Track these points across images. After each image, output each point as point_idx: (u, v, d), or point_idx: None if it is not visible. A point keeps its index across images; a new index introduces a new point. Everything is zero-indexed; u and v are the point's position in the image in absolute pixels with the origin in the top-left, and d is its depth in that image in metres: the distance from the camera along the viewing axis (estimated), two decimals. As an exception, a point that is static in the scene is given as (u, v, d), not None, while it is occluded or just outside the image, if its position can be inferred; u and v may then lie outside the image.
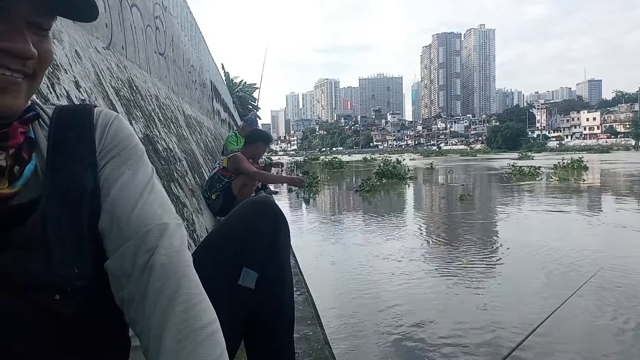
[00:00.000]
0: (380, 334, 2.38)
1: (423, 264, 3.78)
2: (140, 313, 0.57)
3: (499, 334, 2.34)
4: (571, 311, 2.64)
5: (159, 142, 4.16)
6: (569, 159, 16.43)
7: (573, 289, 2.41)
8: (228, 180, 4.21)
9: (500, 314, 2.61)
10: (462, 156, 45.15)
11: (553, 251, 4.08)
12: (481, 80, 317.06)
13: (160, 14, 6.24)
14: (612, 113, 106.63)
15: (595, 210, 7.00)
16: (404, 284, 3.23)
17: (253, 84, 40.97)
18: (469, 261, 3.78)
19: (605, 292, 2.92)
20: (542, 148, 68.91)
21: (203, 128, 9.49)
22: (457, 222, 5.86)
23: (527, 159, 26.56)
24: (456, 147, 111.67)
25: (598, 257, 3.83)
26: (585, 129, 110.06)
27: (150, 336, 0.55)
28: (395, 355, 2.16)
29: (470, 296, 2.96)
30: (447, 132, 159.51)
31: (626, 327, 2.42)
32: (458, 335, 2.33)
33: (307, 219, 6.70)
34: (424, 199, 9.66)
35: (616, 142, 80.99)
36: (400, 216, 6.83)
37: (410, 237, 4.94)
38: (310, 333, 1.83)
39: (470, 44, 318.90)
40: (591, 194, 9.37)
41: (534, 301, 2.85)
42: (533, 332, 0.78)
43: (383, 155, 34.14)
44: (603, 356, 2.12)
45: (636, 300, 2.80)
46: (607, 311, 2.63)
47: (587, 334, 2.40)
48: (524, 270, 3.55)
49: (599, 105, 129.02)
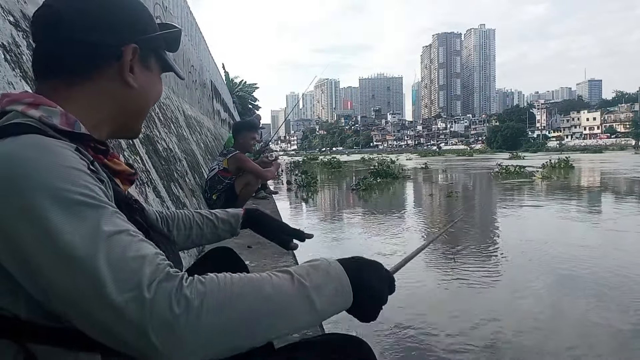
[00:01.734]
0: (380, 333, 2.39)
1: (422, 263, 3.78)
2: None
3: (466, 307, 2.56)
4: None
5: (159, 142, 4.16)
6: (556, 159, 17.05)
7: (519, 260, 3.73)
8: (229, 182, 4.21)
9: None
10: (459, 156, 46.20)
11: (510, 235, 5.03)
12: (481, 80, 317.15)
13: (161, 13, 6.24)
14: (612, 113, 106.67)
15: (557, 203, 7.92)
16: (405, 283, 3.23)
17: (253, 84, 40.95)
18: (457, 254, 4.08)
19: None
20: (539, 148, 68.97)
21: (203, 128, 9.49)
22: (442, 215, 6.59)
23: (517, 158, 27.24)
24: (456, 147, 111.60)
25: (532, 237, 4.94)
26: (586, 129, 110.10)
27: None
28: (395, 354, 2.16)
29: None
30: (447, 132, 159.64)
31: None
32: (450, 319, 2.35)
33: (305, 218, 6.74)
34: (413, 196, 10.38)
35: (616, 142, 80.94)
36: (395, 213, 7.14)
37: (406, 233, 4.97)
38: (310, 333, 1.83)
39: (470, 44, 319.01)
40: (563, 189, 10.17)
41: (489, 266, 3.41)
42: (409, 259, 0.86)
43: (380, 155, 34.30)
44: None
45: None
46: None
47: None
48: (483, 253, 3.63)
49: (599, 105, 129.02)
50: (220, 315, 0.52)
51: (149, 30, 0.76)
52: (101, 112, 0.73)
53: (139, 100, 0.77)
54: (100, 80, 0.71)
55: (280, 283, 0.58)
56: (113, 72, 0.72)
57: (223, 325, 0.52)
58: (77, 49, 0.69)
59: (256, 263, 2.82)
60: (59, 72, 0.70)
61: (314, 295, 0.59)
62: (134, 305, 0.49)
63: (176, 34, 0.81)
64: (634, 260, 3.86)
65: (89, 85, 0.71)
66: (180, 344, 0.49)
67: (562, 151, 46.97)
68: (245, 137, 4.50)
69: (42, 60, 0.71)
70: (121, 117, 0.76)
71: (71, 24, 0.68)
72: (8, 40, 2.01)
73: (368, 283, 0.66)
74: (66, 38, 0.68)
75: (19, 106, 0.64)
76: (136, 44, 0.73)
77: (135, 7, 0.76)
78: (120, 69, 0.72)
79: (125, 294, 0.49)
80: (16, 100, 0.65)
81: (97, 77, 0.71)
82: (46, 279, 0.51)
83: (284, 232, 1.16)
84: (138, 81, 0.74)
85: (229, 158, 4.23)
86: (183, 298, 0.50)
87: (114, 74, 0.72)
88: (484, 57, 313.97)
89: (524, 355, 2.17)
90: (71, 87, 0.70)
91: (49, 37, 0.70)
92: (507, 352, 2.18)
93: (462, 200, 8.65)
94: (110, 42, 0.71)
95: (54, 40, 0.69)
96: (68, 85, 0.70)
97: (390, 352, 2.20)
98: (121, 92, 0.73)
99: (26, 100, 0.65)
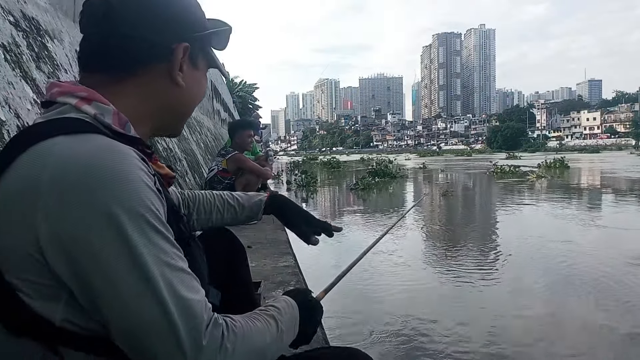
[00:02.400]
0: (380, 333, 2.39)
1: (421, 262, 3.79)
2: None
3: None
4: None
5: (159, 141, 4.16)
6: (552, 159, 17.67)
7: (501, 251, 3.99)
8: (229, 182, 4.21)
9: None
10: (457, 156, 47.49)
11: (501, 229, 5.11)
12: (481, 80, 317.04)
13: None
14: (612, 113, 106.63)
15: (543, 200, 8.58)
16: (405, 281, 3.24)
17: (253, 84, 40.93)
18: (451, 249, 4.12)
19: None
20: (538, 148, 69.08)
21: (203, 128, 9.49)
22: (440, 213, 7.01)
23: (514, 158, 27.92)
24: (456, 147, 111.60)
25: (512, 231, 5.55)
26: (586, 129, 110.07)
27: None
28: (396, 354, 2.16)
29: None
30: (447, 132, 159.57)
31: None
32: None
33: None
34: (411, 195, 10.73)
35: (616, 142, 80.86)
36: (393, 211, 7.31)
37: (403, 231, 4.98)
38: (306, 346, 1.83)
39: (470, 44, 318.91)
40: (554, 188, 10.89)
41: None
42: (349, 269, 1.03)
43: (380, 155, 34.46)
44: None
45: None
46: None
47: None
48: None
49: (599, 105, 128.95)
50: (244, 356, 0.61)
51: (201, 28, 0.73)
52: (146, 110, 0.70)
53: (186, 99, 0.74)
54: (148, 77, 0.69)
55: (272, 331, 0.68)
56: (162, 70, 0.69)
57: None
58: (127, 44, 0.66)
59: (256, 263, 2.82)
60: (107, 67, 0.67)
61: (284, 338, 0.71)
62: (190, 346, 0.54)
63: (227, 32, 0.78)
64: (599, 253, 4.20)
65: (136, 82, 0.68)
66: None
67: (558, 151, 47.51)
68: (242, 135, 4.45)
69: (89, 54, 0.68)
70: (166, 115, 0.74)
71: (123, 17, 0.65)
72: (8, 40, 2.01)
73: (304, 327, 0.78)
74: (116, 32, 0.65)
75: (72, 99, 0.62)
76: (188, 42, 0.70)
77: (189, 3, 0.73)
78: (170, 67, 0.69)
79: (187, 334, 0.54)
80: (69, 92, 0.63)
81: (145, 74, 0.68)
82: (112, 293, 0.52)
83: (309, 223, 1.09)
84: (186, 80, 0.72)
85: (228, 159, 4.22)
86: (224, 348, 0.57)
87: (163, 71, 0.70)
88: (484, 57, 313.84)
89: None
90: (118, 83, 0.67)
91: (98, 30, 0.66)
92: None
93: (457, 199, 8.97)
94: (162, 39, 0.68)
95: (103, 33, 0.66)
96: (116, 81, 0.67)
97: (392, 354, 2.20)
98: (169, 90, 0.71)
99: (79, 93, 0.63)
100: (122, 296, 0.52)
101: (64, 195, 0.52)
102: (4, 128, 1.54)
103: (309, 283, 2.85)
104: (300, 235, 1.09)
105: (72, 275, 0.53)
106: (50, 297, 0.54)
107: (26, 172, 0.53)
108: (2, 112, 1.59)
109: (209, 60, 0.78)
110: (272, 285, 2.44)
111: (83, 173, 0.52)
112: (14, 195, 0.53)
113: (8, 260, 0.54)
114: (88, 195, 0.52)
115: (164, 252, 0.55)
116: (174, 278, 0.54)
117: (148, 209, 0.54)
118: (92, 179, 0.52)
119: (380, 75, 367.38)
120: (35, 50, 2.28)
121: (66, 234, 0.51)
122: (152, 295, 0.52)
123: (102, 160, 0.54)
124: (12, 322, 0.55)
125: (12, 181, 0.54)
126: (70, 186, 0.52)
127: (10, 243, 0.53)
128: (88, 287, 0.53)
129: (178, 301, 0.54)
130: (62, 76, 2.53)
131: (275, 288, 2.38)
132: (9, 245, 0.53)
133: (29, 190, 0.52)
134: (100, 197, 0.52)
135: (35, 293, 0.54)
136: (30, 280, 0.54)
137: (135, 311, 0.52)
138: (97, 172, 0.53)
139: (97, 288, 0.52)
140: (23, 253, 0.53)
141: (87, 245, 0.51)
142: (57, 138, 0.55)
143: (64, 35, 3.01)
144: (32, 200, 0.52)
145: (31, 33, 2.36)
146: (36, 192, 0.52)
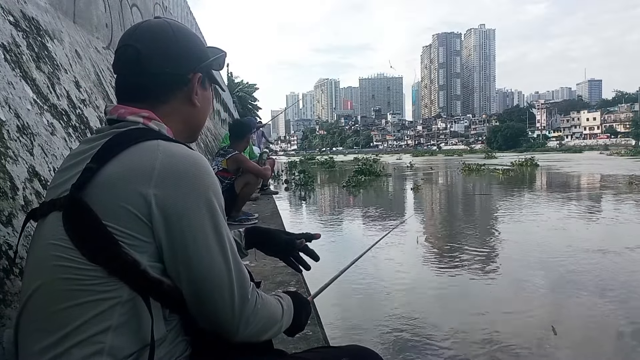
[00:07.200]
0: (380, 332, 2.39)
1: (420, 262, 3.79)
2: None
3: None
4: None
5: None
6: (523, 159, 20.15)
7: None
8: (229, 182, 4.22)
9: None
10: (447, 156, 50.20)
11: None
12: (481, 80, 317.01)
13: (161, 13, 6.24)
14: (612, 113, 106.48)
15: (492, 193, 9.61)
16: (403, 279, 3.24)
17: (253, 85, 40.95)
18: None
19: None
20: (534, 148, 69.17)
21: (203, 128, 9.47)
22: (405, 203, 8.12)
23: (491, 158, 31.80)
24: (456, 147, 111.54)
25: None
26: (586, 128, 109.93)
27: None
28: (395, 354, 2.16)
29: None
30: (447, 132, 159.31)
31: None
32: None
33: (305, 216, 6.85)
34: (389, 190, 11.58)
35: (616, 142, 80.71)
36: (382, 207, 7.30)
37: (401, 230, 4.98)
38: (309, 333, 1.83)
39: (470, 44, 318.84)
40: (507, 183, 11.97)
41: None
42: (338, 276, 1.33)
43: (368, 155, 34.62)
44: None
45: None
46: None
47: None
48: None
49: (599, 105, 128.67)
50: (264, 319, 0.82)
51: (205, 57, 0.92)
52: (177, 126, 0.89)
53: (200, 116, 0.95)
54: (174, 102, 0.89)
55: (280, 309, 0.88)
56: (183, 95, 0.89)
57: (264, 325, 0.82)
58: (156, 79, 0.86)
59: (256, 263, 2.83)
60: (144, 98, 0.85)
61: (286, 318, 0.89)
62: (239, 297, 0.75)
63: (224, 56, 0.97)
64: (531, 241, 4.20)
65: (166, 107, 0.87)
66: (247, 329, 0.78)
67: (566, 151, 48.48)
68: (249, 137, 4.57)
69: (127, 90, 0.87)
70: (188, 131, 0.94)
71: (150, 59, 0.84)
72: (8, 40, 2.01)
73: (298, 316, 0.94)
74: (146, 72, 0.85)
75: (140, 118, 0.82)
76: (199, 71, 0.90)
77: (196, 40, 0.92)
78: (189, 92, 0.90)
79: (239, 288, 0.76)
80: (136, 113, 0.82)
81: (172, 100, 0.88)
82: (194, 248, 0.72)
83: (288, 244, 1.18)
84: (200, 100, 0.92)
85: (228, 158, 4.22)
86: (257, 306, 0.79)
87: (184, 97, 0.89)
88: (484, 57, 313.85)
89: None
90: (154, 109, 0.85)
91: (132, 71, 0.86)
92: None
93: (425, 193, 9.62)
94: (181, 72, 0.88)
95: (136, 73, 0.85)
96: (152, 108, 0.85)
97: (392, 354, 2.20)
98: (188, 110, 0.91)
99: (143, 114, 0.83)
100: (200, 252, 0.72)
101: (174, 179, 0.71)
102: (4, 128, 1.54)
103: (308, 283, 2.85)
104: (291, 264, 1.21)
105: (166, 234, 0.71)
106: (141, 248, 0.71)
107: (142, 157, 0.72)
108: (2, 112, 1.59)
109: (212, 80, 0.97)
110: (272, 285, 2.45)
111: (190, 164, 0.74)
112: (131, 172, 0.71)
113: (118, 216, 0.70)
114: (193, 180, 0.73)
115: (228, 232, 0.77)
116: (235, 251, 0.77)
117: (221, 198, 0.78)
118: (196, 170, 0.74)
119: (380, 75, 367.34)
120: (35, 51, 2.28)
121: (173, 206, 0.70)
122: (223, 256, 0.74)
123: (198, 158, 0.75)
124: (110, 265, 0.69)
125: (127, 162, 0.72)
126: (179, 173, 0.72)
127: (122, 204, 0.69)
128: (178, 244, 0.71)
129: (237, 265, 0.76)
130: (62, 76, 2.53)
131: (275, 288, 2.39)
132: (121, 205, 0.69)
133: (144, 170, 0.71)
134: (201, 184, 0.73)
135: (132, 243, 0.70)
136: (130, 234, 0.70)
137: (208, 264, 0.72)
138: (199, 166, 0.74)
139: (185, 245, 0.71)
140: (132, 214, 0.69)
141: (187, 214, 0.71)
142: (157, 140, 0.75)
143: (64, 36, 3.01)
144: (147, 178, 0.70)
145: (31, 33, 2.36)
146: (150, 173, 0.71)
